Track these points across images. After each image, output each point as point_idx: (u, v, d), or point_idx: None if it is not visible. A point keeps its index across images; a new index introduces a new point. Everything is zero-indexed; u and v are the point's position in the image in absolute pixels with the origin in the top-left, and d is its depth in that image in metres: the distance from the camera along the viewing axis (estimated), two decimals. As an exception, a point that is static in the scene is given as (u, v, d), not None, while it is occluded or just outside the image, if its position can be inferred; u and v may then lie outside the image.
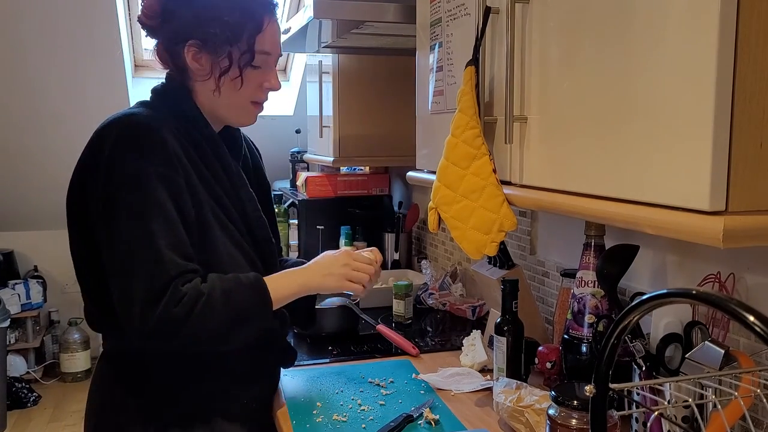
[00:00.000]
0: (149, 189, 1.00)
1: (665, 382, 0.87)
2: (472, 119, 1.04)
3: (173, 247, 1.00)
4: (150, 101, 1.15)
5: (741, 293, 1.00)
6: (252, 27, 1.11)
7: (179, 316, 0.98)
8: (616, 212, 0.77)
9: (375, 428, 1.09)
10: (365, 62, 2.10)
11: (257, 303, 1.07)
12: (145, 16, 1.13)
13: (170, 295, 0.98)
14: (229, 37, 1.09)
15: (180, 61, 1.12)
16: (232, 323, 1.04)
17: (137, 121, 1.06)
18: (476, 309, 1.81)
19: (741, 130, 0.64)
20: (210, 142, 1.13)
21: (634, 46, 0.74)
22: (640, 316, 0.62)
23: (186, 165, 1.06)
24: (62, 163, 3.40)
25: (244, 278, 1.08)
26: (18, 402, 3.34)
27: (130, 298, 0.99)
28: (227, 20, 1.09)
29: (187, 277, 1.01)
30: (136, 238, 0.99)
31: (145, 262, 0.99)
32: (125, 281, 0.99)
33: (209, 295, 1.02)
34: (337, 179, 2.47)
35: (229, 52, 1.10)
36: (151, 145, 1.03)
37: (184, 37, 1.10)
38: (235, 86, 1.13)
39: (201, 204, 1.07)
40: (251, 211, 1.18)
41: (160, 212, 1.00)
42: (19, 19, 2.79)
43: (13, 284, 3.56)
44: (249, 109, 1.18)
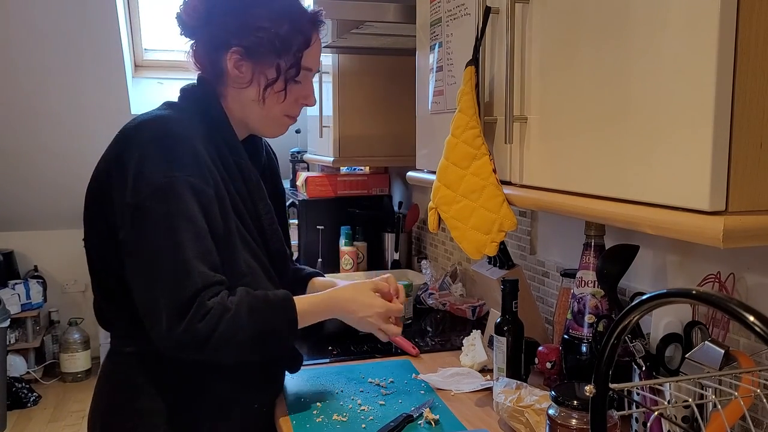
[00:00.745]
0: (180, 199, 0.98)
1: (665, 382, 0.87)
2: (472, 119, 1.04)
3: (201, 258, 0.99)
4: (179, 103, 1.13)
5: (741, 293, 1.00)
6: (301, 42, 1.10)
7: (203, 332, 0.97)
8: (616, 212, 0.77)
9: (375, 428, 1.09)
10: (365, 62, 2.10)
11: (284, 322, 1.06)
12: (186, 14, 1.10)
13: (196, 308, 0.97)
14: (279, 49, 1.08)
15: (219, 66, 1.10)
16: (256, 341, 1.03)
17: (170, 127, 1.03)
18: (476, 309, 1.81)
19: (741, 130, 0.64)
20: (234, 153, 1.12)
21: (634, 46, 0.74)
22: (640, 316, 0.62)
23: (214, 174, 1.05)
24: (62, 163, 3.41)
25: (273, 296, 1.07)
26: (18, 402, 3.34)
27: (157, 309, 0.97)
28: (276, 32, 1.08)
29: (214, 289, 1.00)
30: (164, 249, 0.97)
31: (173, 273, 0.97)
32: (152, 292, 0.98)
33: (236, 311, 1.00)
34: (337, 179, 2.47)
35: (277, 64, 1.09)
36: (183, 155, 1.01)
37: (227, 42, 1.08)
38: (279, 99, 1.12)
39: (227, 215, 1.06)
40: (268, 224, 1.16)
41: (189, 223, 0.99)
42: (19, 18, 2.79)
43: (13, 284, 3.56)
44: (282, 122, 1.17)
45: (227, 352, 1.02)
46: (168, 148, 1.01)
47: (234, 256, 1.07)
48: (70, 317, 3.75)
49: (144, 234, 0.98)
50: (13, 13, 2.76)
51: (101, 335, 3.70)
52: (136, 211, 0.99)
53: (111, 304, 1.12)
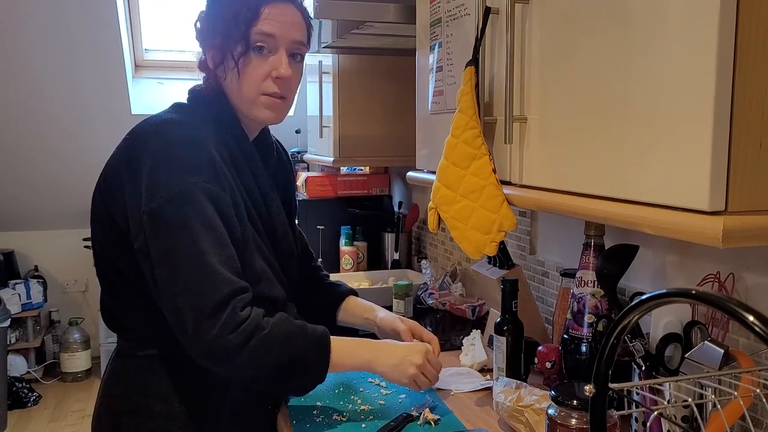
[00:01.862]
0: (198, 206, 0.97)
1: (665, 381, 0.87)
2: (472, 119, 1.04)
3: (224, 264, 0.97)
4: (188, 105, 1.12)
5: (740, 293, 1.01)
6: (246, 15, 1.06)
7: (234, 343, 0.95)
8: (616, 212, 0.77)
9: (375, 428, 1.09)
10: (365, 62, 2.10)
11: (315, 358, 1.04)
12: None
13: (228, 317, 0.95)
14: (223, 30, 1.07)
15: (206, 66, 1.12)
16: (284, 368, 1.01)
17: (183, 132, 1.02)
18: (476, 309, 1.81)
19: (740, 130, 0.65)
20: (246, 155, 1.11)
21: (634, 47, 0.74)
22: (639, 315, 0.62)
23: (230, 180, 1.04)
24: (63, 163, 3.41)
25: (311, 329, 1.05)
26: (18, 402, 3.35)
27: (183, 317, 0.95)
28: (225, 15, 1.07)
29: (243, 298, 0.98)
30: (187, 256, 0.96)
31: (198, 280, 0.95)
32: (178, 300, 0.96)
33: (270, 332, 0.99)
34: (337, 179, 2.47)
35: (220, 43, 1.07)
36: (198, 160, 1.00)
37: (203, 44, 1.11)
38: (235, 77, 1.08)
39: (242, 219, 1.05)
40: (279, 226, 1.16)
41: (209, 229, 0.97)
42: (19, 18, 2.79)
43: (13, 284, 3.56)
44: (263, 102, 1.10)
45: (251, 373, 0.99)
46: (182, 153, 0.99)
47: (250, 261, 1.06)
48: (71, 317, 3.75)
49: (164, 242, 0.97)
50: (14, 13, 2.76)
51: (102, 335, 3.70)
52: (154, 218, 0.97)
53: (122, 308, 1.10)
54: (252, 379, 1.02)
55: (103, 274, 1.11)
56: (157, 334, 1.05)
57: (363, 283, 2.12)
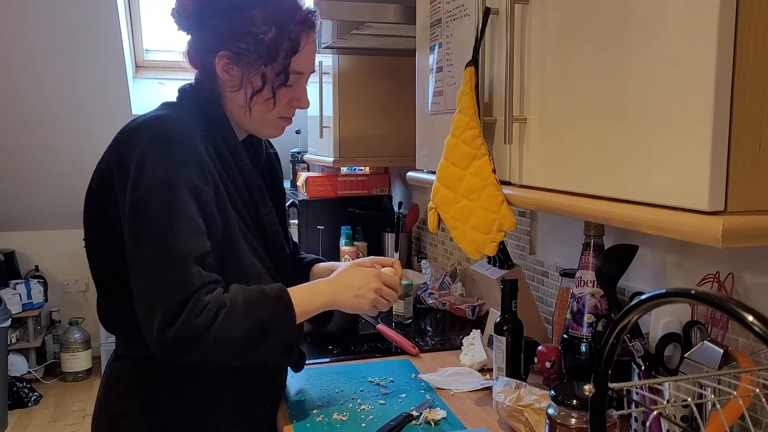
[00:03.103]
0: (179, 198, 0.97)
1: (664, 381, 0.87)
2: (472, 120, 1.05)
3: (197, 259, 0.98)
4: (178, 103, 1.12)
5: (740, 293, 1.01)
6: (288, 48, 1.07)
7: (200, 326, 0.95)
8: (615, 212, 0.77)
9: (375, 427, 1.09)
10: (365, 63, 2.10)
11: (281, 315, 1.03)
12: (179, 14, 1.09)
13: (192, 304, 0.95)
14: (264, 56, 1.06)
15: (210, 68, 1.09)
16: (254, 335, 1.00)
17: (170, 127, 1.03)
18: (476, 308, 1.81)
19: (740, 131, 0.65)
20: (234, 154, 1.11)
21: (633, 47, 0.74)
22: (639, 315, 0.62)
23: (215, 176, 1.04)
24: (63, 163, 3.41)
25: (268, 290, 1.05)
26: (19, 402, 3.35)
27: (152, 308, 0.96)
28: (262, 38, 1.05)
29: (210, 287, 0.98)
30: (162, 248, 0.96)
31: (170, 273, 0.96)
32: (149, 290, 0.96)
33: (231, 305, 0.99)
34: (338, 179, 2.47)
35: (262, 73, 1.07)
36: (184, 154, 1.00)
37: (216, 45, 1.07)
38: (268, 107, 1.10)
39: (228, 215, 1.05)
40: (269, 224, 1.16)
41: (187, 222, 0.97)
42: (19, 18, 2.79)
43: (14, 284, 3.57)
44: (276, 124, 1.15)
45: (224, 350, 0.99)
46: (168, 147, 1.00)
47: (239, 258, 1.06)
48: (71, 317, 3.75)
49: (142, 232, 0.98)
50: (14, 14, 2.76)
51: (102, 335, 3.70)
52: (135, 208, 0.98)
53: (117, 309, 1.10)
54: (225, 355, 1.01)
55: (98, 276, 1.11)
56: None
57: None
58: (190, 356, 0.98)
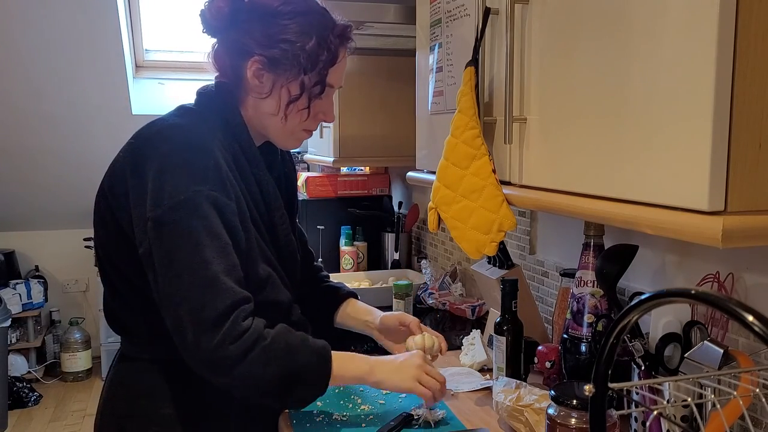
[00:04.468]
0: (203, 214, 0.95)
1: (664, 381, 0.87)
2: (472, 120, 1.05)
3: (227, 274, 0.96)
4: (195, 108, 1.10)
5: (740, 293, 1.01)
6: (327, 58, 1.06)
7: (235, 354, 0.94)
8: (616, 212, 0.77)
9: (375, 427, 1.09)
10: (365, 62, 2.10)
11: (316, 369, 1.02)
12: (210, 13, 1.06)
13: (229, 327, 0.94)
14: (303, 65, 1.05)
15: (239, 72, 1.06)
16: (284, 380, 0.99)
17: (190, 138, 1.01)
18: (476, 308, 1.81)
19: (740, 131, 0.65)
20: (251, 162, 1.09)
21: (633, 47, 0.74)
22: (639, 315, 0.62)
23: (236, 188, 1.03)
24: (64, 163, 3.41)
25: (312, 341, 1.04)
26: (19, 402, 3.35)
27: (184, 327, 0.94)
28: (301, 45, 1.04)
29: (245, 308, 0.97)
30: (190, 265, 0.94)
31: (200, 289, 0.94)
32: (179, 308, 0.95)
33: (271, 343, 0.97)
34: (338, 179, 2.47)
35: (301, 81, 1.06)
36: (204, 168, 0.98)
37: (250, 49, 1.04)
38: (302, 116, 1.09)
39: (248, 229, 1.04)
40: (283, 234, 1.14)
41: (214, 238, 0.96)
42: (20, 19, 2.79)
43: (14, 284, 3.57)
44: (299, 136, 1.14)
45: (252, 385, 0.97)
46: (189, 160, 0.98)
47: (254, 267, 1.05)
48: (71, 317, 3.75)
49: (168, 250, 0.96)
50: (14, 14, 2.76)
51: (102, 335, 3.70)
52: (158, 225, 0.96)
53: (125, 311, 1.10)
54: (252, 390, 0.99)
55: (106, 277, 1.10)
56: (160, 338, 1.04)
57: (363, 283, 2.12)
58: (224, 378, 0.97)
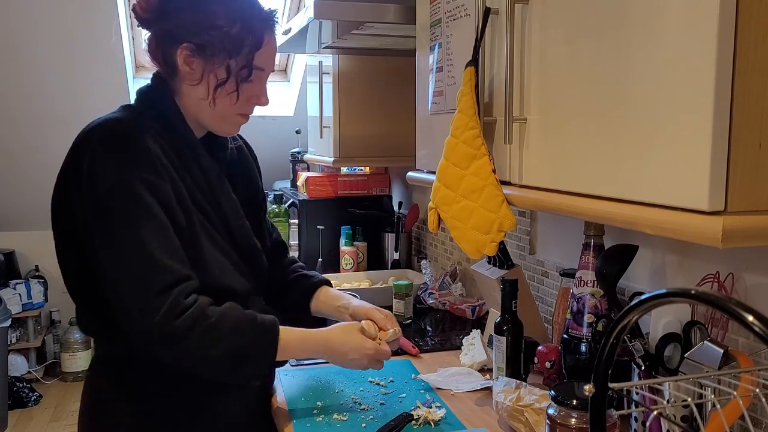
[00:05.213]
0: (136, 196, 0.99)
1: (664, 381, 0.87)
2: (472, 120, 1.05)
3: (166, 252, 0.99)
4: (134, 104, 1.14)
5: (740, 293, 1.01)
6: (252, 42, 1.09)
7: (180, 327, 0.97)
8: (616, 212, 0.77)
9: (375, 427, 1.09)
10: (365, 63, 2.10)
11: (264, 347, 1.06)
12: (141, 7, 1.10)
13: (171, 304, 0.97)
14: (228, 49, 1.07)
15: (171, 61, 1.09)
16: (233, 357, 1.02)
17: (118, 127, 1.04)
18: (476, 308, 1.81)
19: (740, 131, 0.65)
20: (190, 148, 1.12)
21: (633, 48, 0.74)
22: (639, 315, 0.62)
23: (171, 171, 1.05)
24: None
25: (260, 318, 1.07)
26: (19, 401, 3.35)
27: (126, 306, 0.98)
28: (227, 31, 1.07)
29: (186, 285, 1.00)
30: (127, 246, 0.98)
31: (140, 269, 0.97)
32: (120, 290, 0.98)
33: (217, 321, 1.01)
34: (338, 179, 2.47)
35: (227, 65, 1.08)
36: (134, 153, 1.01)
37: (178, 38, 1.08)
38: (231, 100, 1.11)
39: (189, 211, 1.06)
40: (233, 219, 1.16)
41: (149, 219, 0.99)
42: (20, 19, 2.79)
43: (14, 284, 3.57)
44: (234, 120, 1.16)
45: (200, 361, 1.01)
46: (117, 147, 1.01)
47: (199, 251, 1.07)
48: (71, 317, 3.75)
49: (106, 234, 0.99)
50: (14, 13, 2.77)
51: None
52: (96, 212, 0.99)
53: (86, 310, 1.12)
54: (201, 365, 1.03)
55: (67, 279, 1.12)
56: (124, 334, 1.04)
57: (363, 283, 2.12)
58: (174, 354, 1.00)
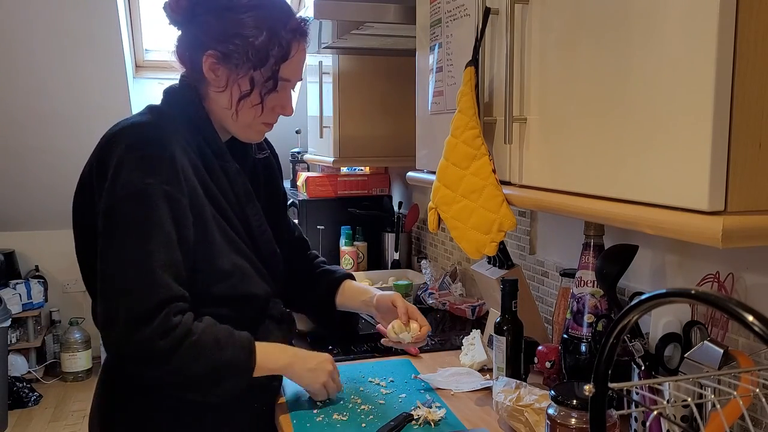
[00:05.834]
0: (151, 207, 0.97)
1: (664, 381, 0.87)
2: (472, 120, 1.05)
3: (167, 269, 0.98)
4: (161, 106, 1.12)
5: (740, 293, 1.01)
6: (278, 53, 1.07)
7: (164, 349, 0.96)
8: (616, 212, 0.77)
9: (375, 427, 1.09)
10: (365, 63, 2.10)
11: (242, 361, 1.05)
12: (171, 8, 1.09)
13: (160, 322, 0.96)
14: (253, 60, 1.05)
15: (197, 66, 1.08)
16: (213, 373, 1.01)
17: (148, 133, 1.03)
18: (476, 308, 1.81)
19: (740, 131, 0.65)
20: (218, 156, 1.11)
21: (634, 47, 0.74)
22: (639, 315, 0.62)
23: (192, 181, 1.03)
24: (64, 163, 3.41)
25: (237, 334, 1.06)
26: (19, 401, 3.35)
27: (114, 317, 0.96)
28: (252, 41, 1.05)
29: (178, 306, 0.99)
30: (131, 256, 0.97)
31: (137, 281, 0.96)
32: (113, 299, 0.97)
33: (199, 338, 0.99)
34: (338, 179, 2.47)
35: (251, 76, 1.07)
36: (158, 161, 1.00)
37: (204, 44, 1.06)
38: (256, 112, 1.10)
39: (206, 220, 1.05)
40: (256, 225, 1.15)
41: (159, 232, 0.98)
42: (20, 19, 2.79)
43: (14, 284, 3.57)
44: (258, 129, 1.15)
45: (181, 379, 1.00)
46: (144, 155, 1.00)
47: (215, 260, 1.05)
48: (71, 317, 3.76)
49: (113, 240, 0.98)
50: (14, 14, 2.77)
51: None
52: (108, 216, 0.99)
53: None
54: (182, 384, 1.02)
55: (86, 279, 1.11)
56: None
57: (363, 283, 2.12)
58: (146, 372, 0.99)
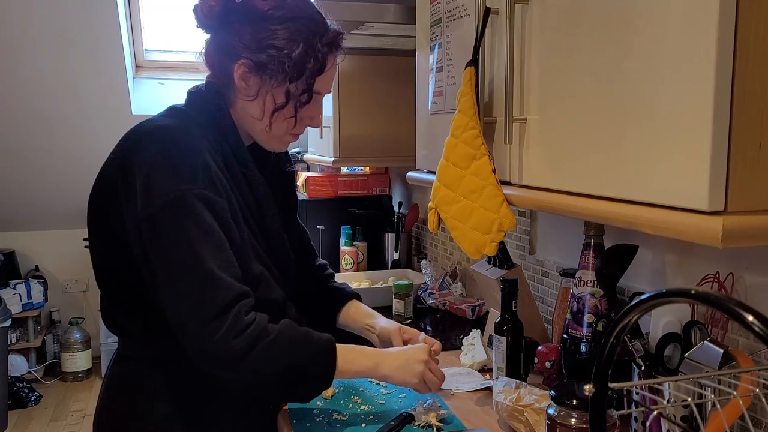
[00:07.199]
0: (194, 212, 0.96)
1: (664, 381, 0.87)
2: (472, 120, 1.05)
3: (224, 269, 0.96)
4: (185, 108, 1.09)
5: (740, 293, 1.01)
6: (314, 67, 1.05)
7: (239, 348, 0.94)
8: (616, 212, 0.77)
9: (375, 427, 1.09)
10: (365, 62, 2.10)
11: (321, 365, 1.03)
12: (202, 12, 1.06)
13: (231, 322, 0.94)
14: (289, 73, 1.04)
15: (227, 72, 1.06)
16: (289, 375, 1.00)
17: (178, 138, 1.00)
18: (476, 308, 1.81)
19: (740, 131, 0.65)
20: (241, 162, 1.09)
21: (634, 47, 0.74)
22: (639, 315, 0.62)
23: (225, 186, 1.03)
24: (64, 164, 3.41)
25: (317, 336, 1.04)
26: (19, 402, 3.35)
27: (185, 324, 0.95)
28: (288, 53, 1.03)
29: (246, 303, 0.97)
30: (186, 263, 0.95)
31: (199, 286, 0.94)
32: (180, 306, 0.95)
33: (275, 339, 0.98)
34: (338, 179, 2.47)
35: (287, 89, 1.05)
36: (193, 167, 0.98)
37: (237, 52, 1.04)
38: (289, 125, 1.09)
39: (239, 224, 1.04)
40: (274, 232, 1.14)
41: (207, 235, 0.96)
42: (20, 18, 2.79)
43: (14, 284, 3.57)
44: (285, 140, 1.13)
45: (256, 379, 0.98)
46: (178, 160, 0.98)
47: (248, 265, 1.05)
48: (71, 317, 3.75)
49: (163, 250, 0.96)
50: (14, 14, 2.77)
51: (102, 335, 3.70)
52: (150, 226, 0.96)
53: (122, 312, 1.10)
54: (257, 385, 1.00)
55: (101, 279, 1.10)
56: (158, 338, 1.04)
57: (363, 283, 2.12)
58: (231, 374, 0.98)
